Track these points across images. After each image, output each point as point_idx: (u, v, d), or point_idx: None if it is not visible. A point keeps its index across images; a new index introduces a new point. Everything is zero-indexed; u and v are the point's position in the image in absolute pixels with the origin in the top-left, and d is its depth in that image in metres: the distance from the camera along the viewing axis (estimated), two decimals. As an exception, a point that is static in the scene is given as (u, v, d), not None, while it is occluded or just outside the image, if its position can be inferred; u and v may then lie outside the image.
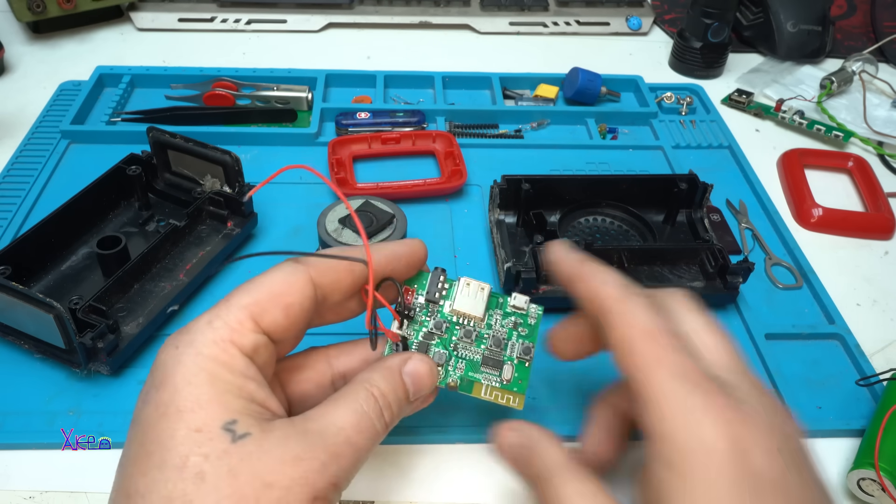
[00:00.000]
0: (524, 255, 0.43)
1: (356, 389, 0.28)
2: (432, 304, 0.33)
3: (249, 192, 0.35)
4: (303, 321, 0.29)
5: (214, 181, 0.47)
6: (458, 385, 0.32)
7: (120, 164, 0.48)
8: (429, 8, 0.76)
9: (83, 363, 0.37)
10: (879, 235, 0.53)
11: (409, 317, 0.33)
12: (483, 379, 0.33)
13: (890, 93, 0.69)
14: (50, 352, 0.38)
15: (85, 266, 0.44)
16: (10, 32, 0.70)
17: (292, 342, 0.30)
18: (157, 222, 0.48)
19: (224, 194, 0.46)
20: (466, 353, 0.33)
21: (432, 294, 0.33)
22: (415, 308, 0.33)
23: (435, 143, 0.57)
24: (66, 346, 0.37)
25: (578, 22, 0.77)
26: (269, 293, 0.27)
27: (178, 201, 0.48)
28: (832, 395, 0.41)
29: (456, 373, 0.33)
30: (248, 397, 0.25)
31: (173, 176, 0.48)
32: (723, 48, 0.69)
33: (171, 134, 0.46)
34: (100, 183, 0.46)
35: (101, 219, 0.47)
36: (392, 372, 0.29)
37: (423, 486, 0.36)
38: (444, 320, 0.33)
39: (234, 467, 0.23)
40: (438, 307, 0.33)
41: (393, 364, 0.30)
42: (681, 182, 0.49)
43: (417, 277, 0.33)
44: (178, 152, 0.47)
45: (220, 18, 0.73)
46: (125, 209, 0.48)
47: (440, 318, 0.33)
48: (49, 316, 0.36)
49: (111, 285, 0.40)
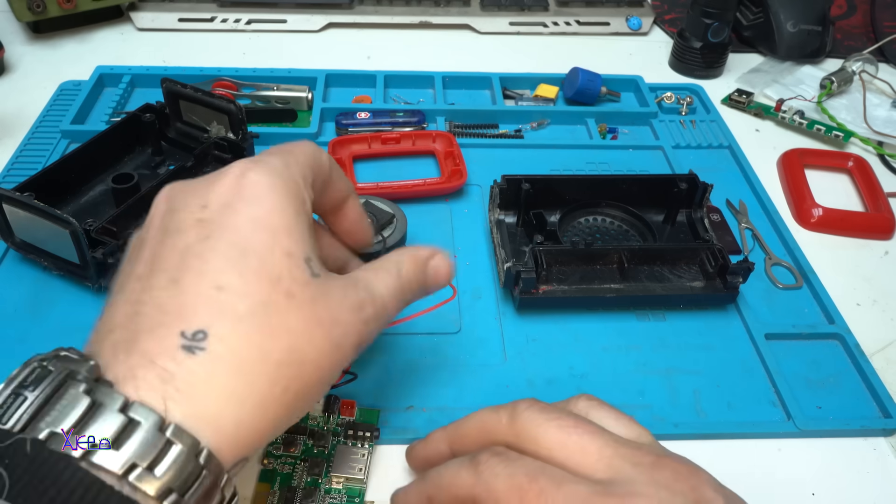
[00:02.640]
0: (524, 255, 0.44)
1: (389, 267, 0.30)
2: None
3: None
4: (319, 200, 0.31)
5: (220, 128, 0.51)
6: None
7: (135, 112, 0.51)
8: (429, 8, 0.76)
9: (94, 278, 0.42)
10: (879, 235, 0.53)
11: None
12: None
13: (890, 93, 0.69)
14: (66, 268, 0.43)
15: (101, 201, 0.48)
16: (10, 32, 0.70)
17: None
18: (167, 167, 0.52)
19: (228, 140, 0.50)
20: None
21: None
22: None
23: (435, 143, 0.57)
24: (81, 262, 0.42)
25: (578, 22, 0.77)
26: (315, 161, 0.30)
27: (188, 149, 0.52)
28: (832, 395, 0.41)
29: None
30: (313, 242, 0.28)
31: (184, 125, 0.53)
32: (723, 48, 0.69)
33: (183, 84, 0.51)
34: (116, 128, 0.51)
35: (117, 160, 0.51)
36: (419, 261, 0.32)
37: (423, 485, 0.36)
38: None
39: (314, 297, 0.26)
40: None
41: (421, 255, 0.32)
42: (681, 182, 0.49)
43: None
44: (189, 102, 0.51)
45: (221, 18, 0.73)
46: (139, 154, 0.52)
47: None
48: (66, 231, 0.40)
49: (122, 211, 0.43)
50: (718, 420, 0.39)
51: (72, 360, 0.23)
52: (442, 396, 0.39)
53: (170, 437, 0.21)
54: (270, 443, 0.34)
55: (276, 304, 0.25)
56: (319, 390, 0.27)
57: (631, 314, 0.45)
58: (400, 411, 0.38)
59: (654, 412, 0.39)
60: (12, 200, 0.42)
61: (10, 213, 0.43)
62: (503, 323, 0.44)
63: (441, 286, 0.33)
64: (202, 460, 0.22)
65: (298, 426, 0.36)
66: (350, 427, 0.36)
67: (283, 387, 0.24)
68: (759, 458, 0.38)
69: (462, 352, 0.42)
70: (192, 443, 0.22)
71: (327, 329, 0.26)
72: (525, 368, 0.41)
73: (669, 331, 0.44)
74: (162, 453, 0.21)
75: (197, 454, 0.22)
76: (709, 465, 0.38)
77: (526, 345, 0.43)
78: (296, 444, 0.35)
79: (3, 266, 0.45)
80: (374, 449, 0.37)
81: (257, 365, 0.24)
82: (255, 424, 0.24)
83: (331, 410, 0.37)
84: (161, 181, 0.46)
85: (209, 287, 0.24)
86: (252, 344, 0.24)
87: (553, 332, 0.43)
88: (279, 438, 0.35)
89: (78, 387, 0.21)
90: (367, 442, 0.36)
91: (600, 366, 0.42)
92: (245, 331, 0.24)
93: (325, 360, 0.26)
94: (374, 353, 0.41)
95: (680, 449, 0.38)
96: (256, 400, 0.24)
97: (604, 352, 0.42)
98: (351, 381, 0.37)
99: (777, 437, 0.39)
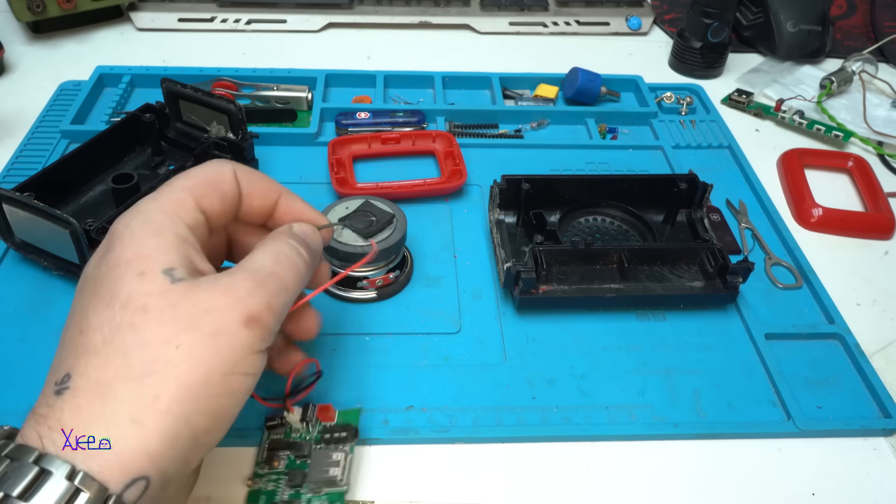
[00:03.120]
0: (524, 255, 0.44)
1: (267, 243, 0.31)
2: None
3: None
4: (231, 213, 0.32)
5: (220, 128, 0.51)
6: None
7: (135, 112, 0.51)
8: (429, 8, 0.76)
9: None
10: (879, 235, 0.53)
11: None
12: None
13: (890, 93, 0.69)
14: (66, 268, 0.43)
15: (101, 201, 0.48)
16: (10, 32, 0.70)
17: (220, 237, 0.33)
18: (167, 167, 0.51)
19: (228, 139, 0.50)
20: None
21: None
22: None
23: (435, 143, 0.57)
24: (80, 262, 0.42)
25: (578, 22, 0.77)
26: (206, 180, 0.31)
27: (188, 149, 0.52)
28: (832, 395, 0.41)
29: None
30: (185, 254, 0.28)
31: (184, 125, 0.53)
32: (723, 48, 0.69)
33: (182, 84, 0.51)
34: (116, 128, 0.51)
35: (117, 161, 0.51)
36: (284, 231, 0.32)
37: (423, 486, 0.36)
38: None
39: (173, 301, 0.26)
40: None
41: (284, 228, 0.32)
42: (681, 182, 0.49)
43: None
44: (188, 102, 0.51)
45: (220, 18, 0.73)
46: (139, 154, 0.52)
47: None
48: (66, 231, 0.40)
49: (121, 211, 0.42)
50: (718, 420, 0.39)
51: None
52: (442, 396, 0.39)
53: (44, 466, 0.23)
54: (257, 463, 0.34)
55: (129, 325, 0.26)
56: (216, 383, 0.26)
57: (631, 314, 0.45)
58: (400, 411, 0.38)
59: (654, 412, 0.39)
60: (12, 200, 0.42)
61: (10, 213, 0.43)
62: (503, 323, 0.44)
63: (315, 243, 0.33)
64: (78, 482, 0.23)
65: (280, 441, 0.35)
66: (326, 431, 0.35)
67: (152, 396, 0.25)
68: (759, 458, 0.38)
69: (462, 352, 0.42)
70: (68, 470, 0.23)
71: (194, 323, 0.26)
72: (525, 368, 0.41)
73: (669, 331, 0.44)
74: (36, 483, 0.23)
75: (69, 477, 0.23)
76: (709, 465, 0.38)
77: (526, 345, 0.43)
78: (278, 459, 0.34)
79: (3, 266, 0.45)
80: (356, 449, 0.36)
81: (117, 385, 0.25)
82: (136, 440, 0.24)
83: (308, 418, 0.35)
84: (162, 179, 0.46)
85: (74, 334, 0.27)
86: (110, 369, 0.25)
87: (553, 332, 0.43)
88: (262, 456, 0.34)
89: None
90: (345, 444, 0.35)
91: (600, 366, 0.42)
92: (101, 361, 0.25)
93: (202, 352, 0.26)
94: (374, 353, 0.41)
95: (680, 449, 0.38)
96: (126, 418, 0.24)
97: (604, 352, 0.42)
98: (316, 381, 0.35)
99: (777, 437, 0.39)
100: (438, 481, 0.36)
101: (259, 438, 0.36)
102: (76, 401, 0.25)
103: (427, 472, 0.36)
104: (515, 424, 0.38)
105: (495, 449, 0.38)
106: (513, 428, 0.38)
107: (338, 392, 0.39)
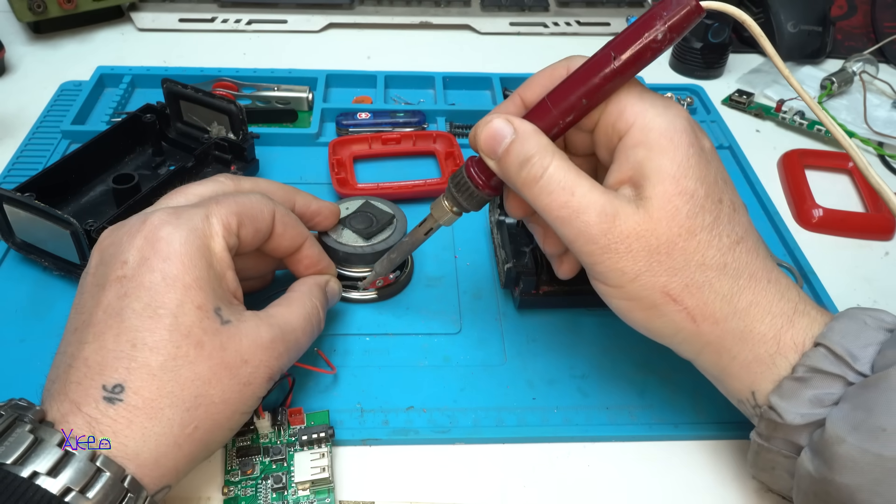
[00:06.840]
0: (524, 256, 0.44)
1: (303, 300, 0.36)
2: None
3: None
4: (256, 246, 0.36)
5: (220, 128, 0.51)
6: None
7: (136, 113, 0.51)
8: (429, 8, 0.76)
9: None
10: (880, 236, 0.53)
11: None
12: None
13: (890, 93, 0.69)
14: (66, 268, 0.43)
15: (101, 201, 0.48)
16: (10, 32, 0.70)
17: (241, 262, 0.36)
18: (168, 167, 0.51)
19: (229, 140, 0.51)
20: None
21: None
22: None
23: (435, 143, 0.57)
24: (81, 262, 0.42)
25: (579, 22, 0.77)
26: (250, 211, 0.34)
27: (188, 149, 0.52)
28: (832, 395, 0.41)
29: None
30: (227, 287, 0.32)
31: (184, 126, 0.53)
32: (723, 48, 0.69)
33: (183, 84, 0.51)
34: (117, 128, 0.50)
35: (117, 161, 0.51)
36: (321, 287, 0.38)
37: (423, 486, 0.36)
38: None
39: (223, 343, 0.30)
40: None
41: (320, 282, 0.38)
42: (681, 182, 0.49)
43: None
44: (189, 102, 0.51)
45: (221, 19, 0.73)
46: (139, 154, 0.52)
47: None
48: (66, 231, 0.41)
49: (123, 212, 0.43)
50: (718, 420, 0.39)
51: (21, 406, 0.28)
52: (442, 396, 0.39)
53: (100, 465, 0.27)
54: (227, 471, 0.35)
55: (185, 356, 0.29)
56: (235, 420, 0.31)
57: (631, 314, 0.45)
58: (400, 412, 0.38)
59: (654, 412, 0.39)
60: (13, 201, 0.42)
61: (11, 213, 0.43)
62: (503, 323, 0.44)
63: (334, 303, 0.40)
64: (127, 485, 0.27)
65: (251, 447, 0.35)
66: (303, 433, 0.35)
67: (193, 427, 0.29)
68: (759, 459, 0.38)
69: (462, 352, 0.42)
70: (117, 470, 0.27)
71: (235, 371, 0.30)
72: (525, 368, 0.41)
73: (670, 331, 0.44)
74: (93, 479, 0.26)
75: (122, 479, 0.27)
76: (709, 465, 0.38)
77: (526, 345, 0.43)
78: (252, 465, 0.35)
79: (3, 266, 0.45)
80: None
81: (168, 411, 0.29)
82: (172, 458, 0.29)
83: (279, 423, 0.36)
84: (162, 181, 0.46)
85: (126, 344, 0.29)
86: (164, 394, 0.29)
87: (553, 333, 0.43)
88: (234, 464, 0.35)
89: (24, 427, 0.26)
90: (323, 443, 0.35)
91: (600, 366, 0.42)
92: (157, 385, 0.29)
93: (234, 397, 0.30)
94: (374, 353, 0.41)
95: (680, 449, 0.38)
96: (170, 440, 0.29)
97: (604, 352, 0.42)
98: (278, 384, 0.35)
99: (777, 437, 0.39)
100: (439, 482, 0.36)
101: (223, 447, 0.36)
102: (129, 416, 0.28)
103: (427, 472, 0.36)
104: (516, 425, 0.38)
105: (496, 449, 0.38)
106: (513, 428, 0.38)
107: (337, 392, 0.39)
